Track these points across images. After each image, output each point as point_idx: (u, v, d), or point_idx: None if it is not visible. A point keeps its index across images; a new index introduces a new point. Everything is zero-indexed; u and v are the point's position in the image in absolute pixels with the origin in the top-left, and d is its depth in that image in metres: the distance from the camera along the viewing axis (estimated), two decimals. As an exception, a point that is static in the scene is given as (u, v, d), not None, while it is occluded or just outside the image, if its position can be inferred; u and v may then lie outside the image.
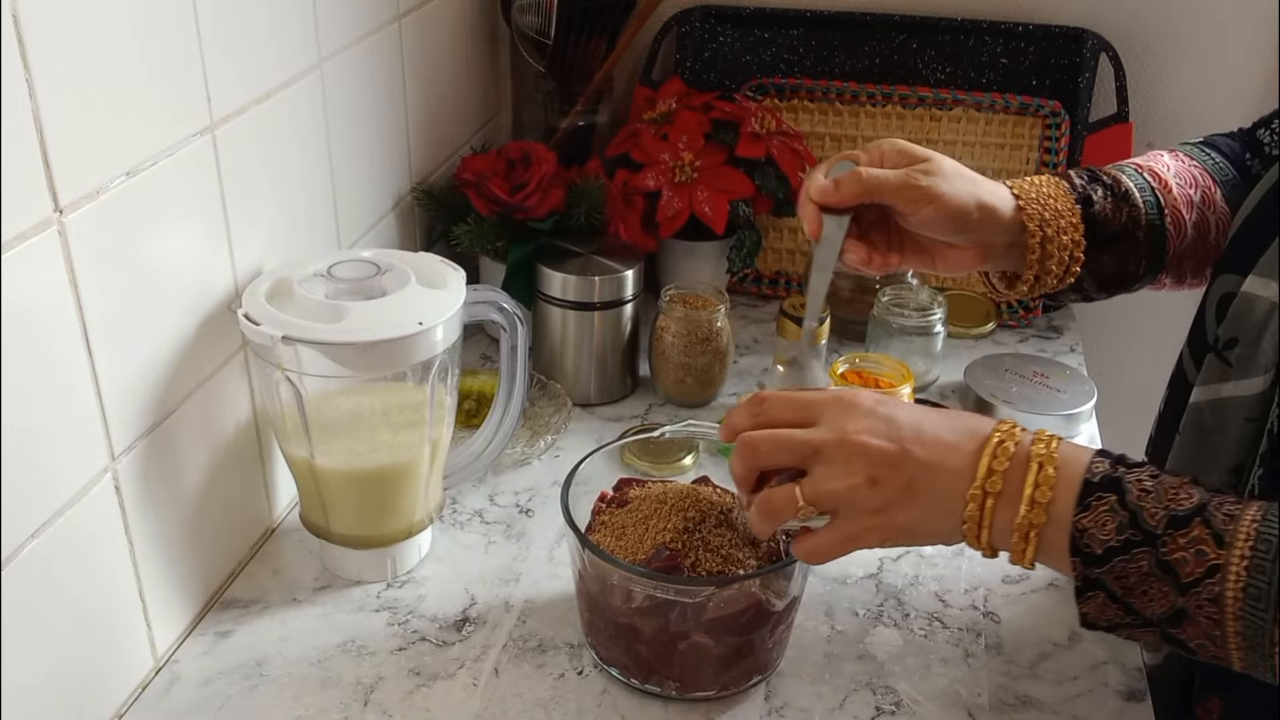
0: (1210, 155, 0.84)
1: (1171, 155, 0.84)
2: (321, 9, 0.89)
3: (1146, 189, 0.80)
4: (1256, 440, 0.68)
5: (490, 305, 0.87)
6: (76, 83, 0.62)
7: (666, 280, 1.17)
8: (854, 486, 0.63)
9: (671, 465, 0.94)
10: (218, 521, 0.83)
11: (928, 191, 0.75)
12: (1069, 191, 0.78)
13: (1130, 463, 0.62)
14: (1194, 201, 0.80)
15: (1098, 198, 0.78)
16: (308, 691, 0.76)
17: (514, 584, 0.86)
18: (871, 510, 0.64)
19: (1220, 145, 0.85)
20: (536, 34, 1.22)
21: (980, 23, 1.25)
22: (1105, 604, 0.61)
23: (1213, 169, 0.83)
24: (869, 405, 0.65)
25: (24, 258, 0.60)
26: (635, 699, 0.76)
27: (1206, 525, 0.57)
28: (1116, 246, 0.79)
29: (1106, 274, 0.80)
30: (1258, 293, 0.68)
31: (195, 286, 0.77)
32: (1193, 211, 0.80)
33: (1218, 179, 0.82)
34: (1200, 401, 0.72)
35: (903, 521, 0.64)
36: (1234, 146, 0.85)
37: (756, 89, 1.29)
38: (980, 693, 0.77)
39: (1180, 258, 0.81)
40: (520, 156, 1.13)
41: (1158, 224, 0.79)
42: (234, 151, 0.79)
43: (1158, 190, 0.80)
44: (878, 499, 0.63)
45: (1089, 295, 0.82)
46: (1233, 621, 0.57)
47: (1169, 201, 0.80)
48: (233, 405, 0.83)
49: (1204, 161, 0.83)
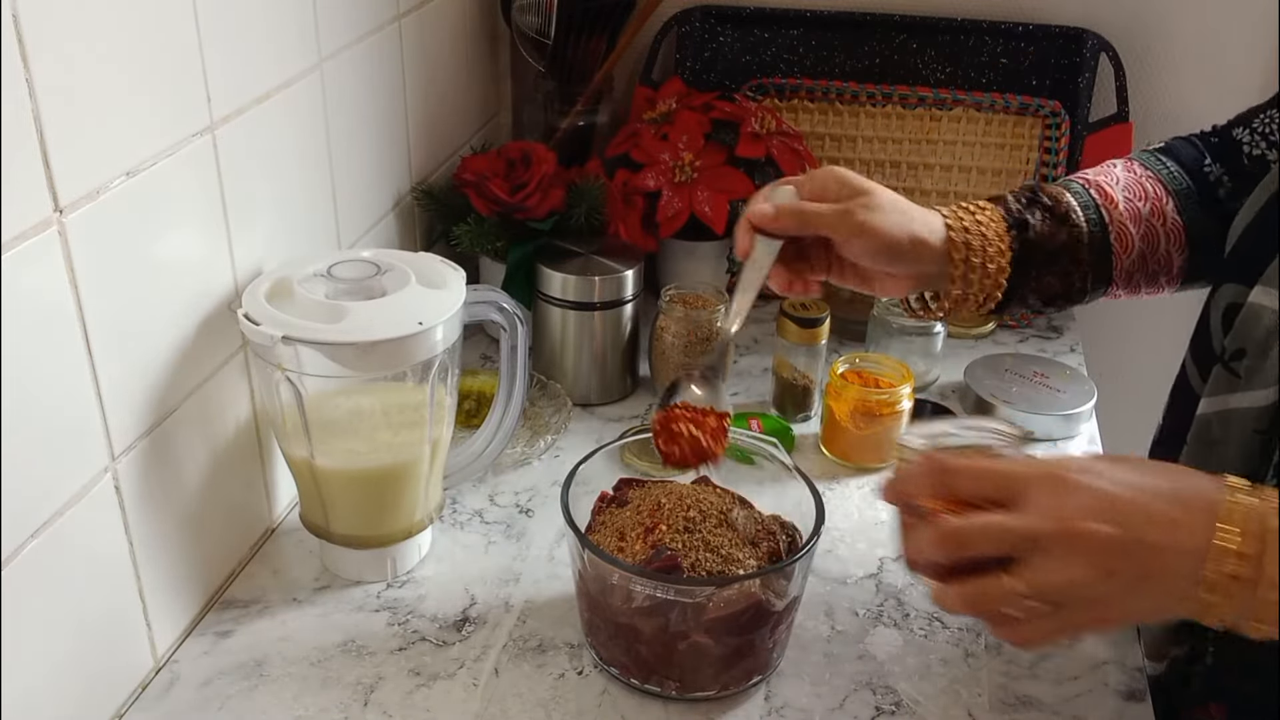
0: (1165, 164, 0.84)
1: (1125, 166, 0.84)
2: (321, 9, 0.89)
3: (1090, 206, 0.81)
4: (1265, 452, 0.68)
5: (490, 305, 0.87)
6: (76, 83, 0.62)
7: (666, 280, 1.17)
8: (1085, 581, 0.58)
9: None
10: (218, 521, 0.83)
11: (862, 226, 0.76)
12: (1003, 218, 0.80)
13: None
14: (1142, 215, 0.81)
15: (1034, 220, 0.79)
16: (308, 691, 0.76)
17: (514, 584, 0.86)
18: (1101, 600, 0.58)
19: (1179, 151, 0.85)
20: (536, 34, 1.22)
21: (980, 23, 1.25)
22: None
23: (1166, 179, 0.83)
24: (1081, 481, 0.59)
25: (24, 258, 0.60)
26: (635, 699, 0.76)
27: None
28: (1056, 265, 0.80)
29: (1049, 291, 0.81)
30: (1264, 303, 0.68)
31: (195, 286, 0.77)
32: (1140, 225, 0.81)
33: (1171, 189, 0.82)
34: (1208, 413, 0.71)
35: (1134, 609, 0.59)
36: (1193, 153, 0.84)
37: (756, 89, 1.29)
38: (980, 693, 0.77)
39: (1129, 271, 0.82)
40: (520, 156, 1.14)
41: (1101, 240, 0.80)
42: (234, 151, 0.79)
43: (1103, 206, 0.81)
44: (1109, 590, 0.58)
45: (1037, 310, 0.84)
46: None
47: (1114, 217, 0.80)
48: (233, 405, 0.83)
49: (1158, 171, 0.83)
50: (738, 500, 0.81)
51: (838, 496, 0.98)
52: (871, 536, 0.93)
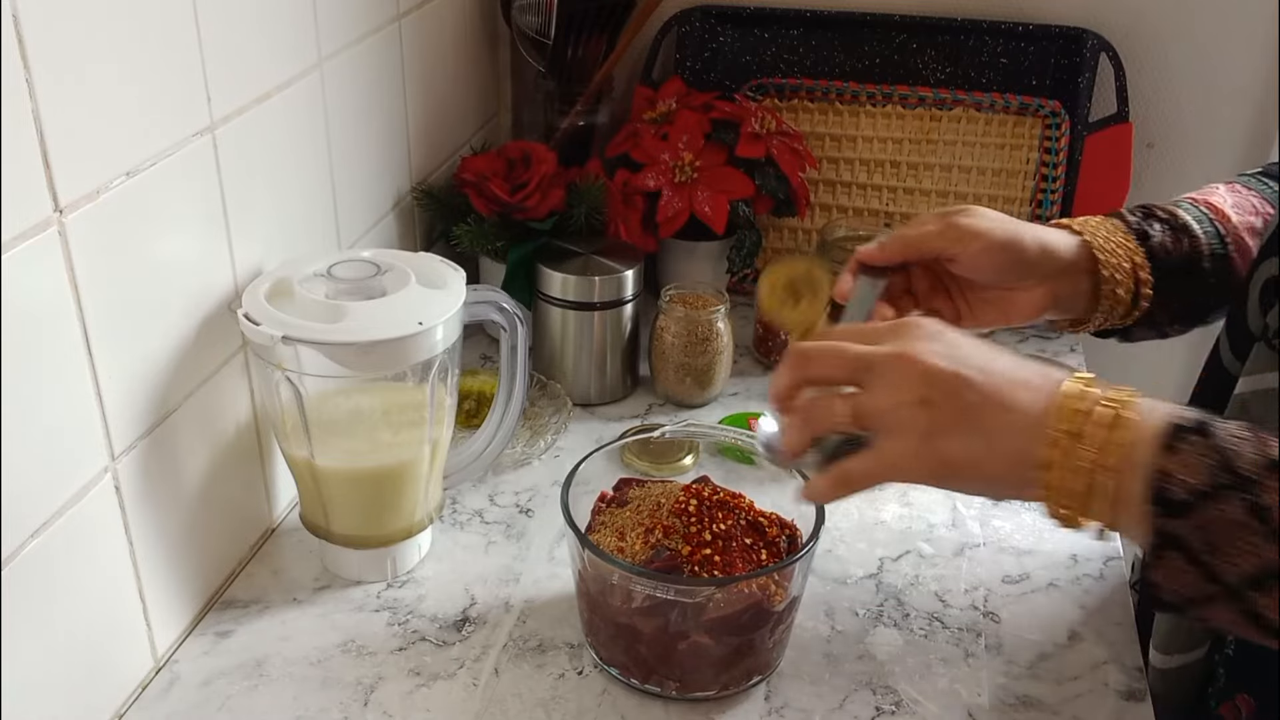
0: (1268, 184, 0.82)
1: (1228, 188, 0.82)
2: (321, 9, 0.89)
3: (1204, 220, 0.78)
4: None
5: (490, 305, 0.87)
6: (76, 82, 0.62)
7: (666, 280, 1.17)
8: (903, 404, 0.59)
9: (671, 465, 0.94)
10: (218, 521, 0.83)
11: (969, 229, 0.73)
12: (1125, 229, 0.77)
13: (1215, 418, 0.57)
14: (1256, 229, 0.79)
15: (1155, 231, 0.77)
16: (308, 691, 0.76)
17: (514, 584, 0.86)
18: (920, 435, 0.59)
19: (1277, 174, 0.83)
20: (536, 34, 1.22)
21: (980, 23, 1.25)
22: (1181, 569, 0.55)
23: (1272, 198, 0.81)
24: (933, 328, 0.62)
25: (24, 258, 0.60)
26: (635, 699, 0.76)
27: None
28: (1183, 278, 0.77)
29: (1177, 307, 0.78)
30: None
31: (195, 286, 0.77)
32: (1257, 238, 0.78)
33: (1277, 206, 0.80)
34: (1245, 392, 0.70)
35: (950, 452, 0.59)
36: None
37: (756, 89, 1.29)
38: (980, 693, 0.77)
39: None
40: (520, 156, 1.14)
41: (1221, 253, 0.77)
42: (234, 151, 0.79)
43: (1216, 220, 0.78)
44: (927, 423, 0.59)
45: (1163, 330, 0.80)
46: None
47: (1229, 230, 0.78)
48: (233, 405, 0.83)
49: (1262, 191, 0.82)
50: (737, 500, 0.81)
51: (838, 496, 0.97)
52: (871, 536, 0.93)
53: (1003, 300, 0.76)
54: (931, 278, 0.77)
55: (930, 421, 0.59)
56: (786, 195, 1.20)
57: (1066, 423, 0.57)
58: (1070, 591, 0.87)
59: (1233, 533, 0.53)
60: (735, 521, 0.78)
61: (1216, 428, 0.55)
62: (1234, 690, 0.73)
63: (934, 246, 0.74)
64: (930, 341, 0.61)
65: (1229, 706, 0.73)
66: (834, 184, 1.30)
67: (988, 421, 0.58)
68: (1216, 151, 1.28)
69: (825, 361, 0.63)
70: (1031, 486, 0.58)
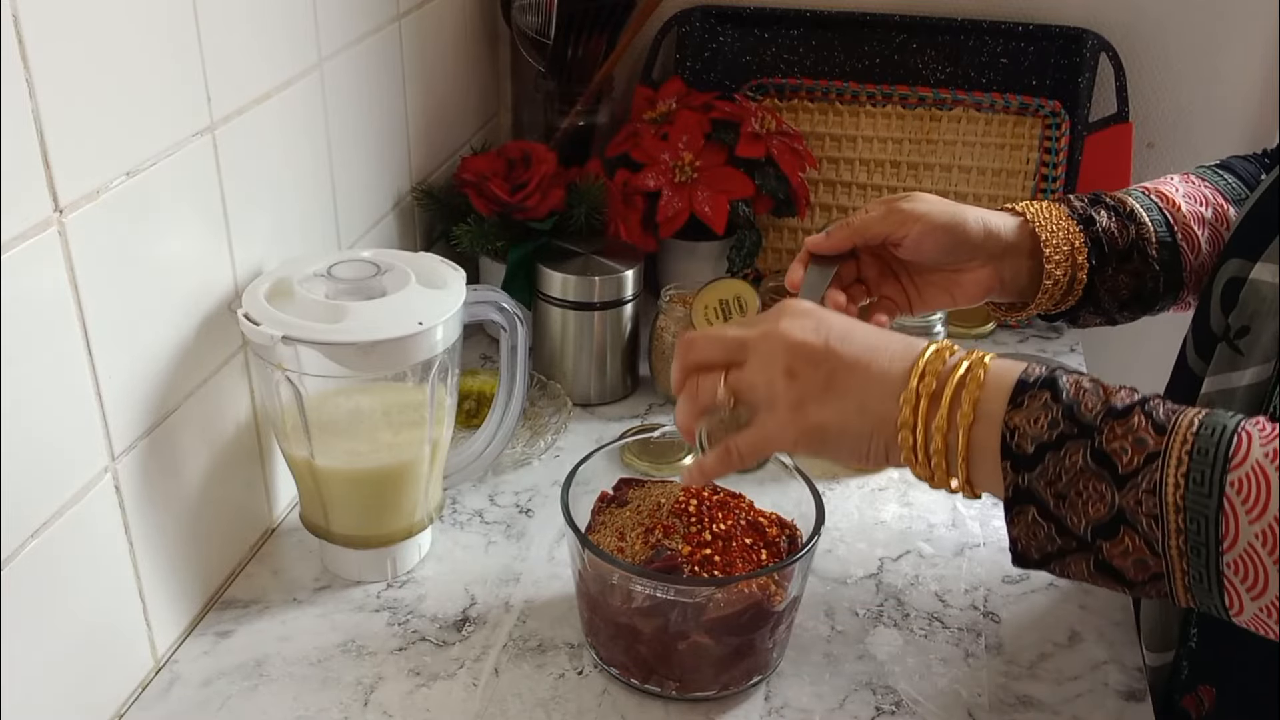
0: (1223, 177, 0.83)
1: (1182, 178, 0.84)
2: (321, 9, 0.89)
3: (1153, 208, 0.80)
4: None
5: (490, 305, 0.87)
6: (77, 82, 0.62)
7: (666, 280, 1.17)
8: (772, 379, 0.63)
9: (671, 465, 0.94)
10: (218, 521, 0.83)
11: (911, 213, 0.76)
12: (1069, 214, 0.79)
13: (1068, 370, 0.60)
14: (1206, 218, 0.80)
15: (1100, 217, 0.79)
16: (308, 691, 0.76)
17: (514, 584, 0.86)
18: (789, 405, 0.62)
19: (1236, 168, 0.84)
20: (536, 34, 1.22)
21: (980, 23, 1.25)
22: (1035, 522, 0.57)
23: (1225, 189, 0.82)
24: (804, 308, 0.65)
25: (24, 258, 0.60)
26: (635, 699, 0.76)
27: (1148, 416, 0.55)
28: (1128, 264, 0.79)
29: (1124, 293, 0.80)
30: (1264, 279, 0.68)
31: (195, 286, 0.77)
32: (1205, 228, 0.80)
33: (1230, 198, 0.81)
34: (1210, 392, 0.71)
35: (818, 419, 0.62)
36: (1251, 169, 0.84)
37: (756, 89, 1.29)
38: (980, 693, 0.77)
39: (1198, 274, 0.80)
40: (520, 156, 1.14)
41: (1168, 241, 0.79)
42: (234, 151, 0.79)
43: (1165, 209, 0.80)
44: (794, 392, 0.62)
45: (1111, 317, 0.82)
46: (1174, 516, 0.53)
47: (1178, 219, 0.79)
48: (233, 405, 0.83)
49: (1215, 182, 0.83)
50: (737, 500, 0.81)
51: (838, 496, 0.98)
52: (871, 536, 0.93)
53: (949, 282, 0.79)
54: (880, 264, 0.80)
55: (798, 391, 0.62)
56: (786, 195, 1.20)
57: (923, 383, 0.59)
58: (1070, 591, 0.87)
59: (1078, 481, 0.55)
60: (735, 521, 0.78)
61: (1063, 382, 0.57)
62: (1196, 682, 0.73)
63: (878, 231, 0.77)
64: (798, 318, 0.64)
65: (1191, 699, 0.73)
66: (834, 184, 1.30)
67: (851, 386, 0.61)
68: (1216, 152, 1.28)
69: (707, 346, 0.67)
70: (895, 448, 0.61)
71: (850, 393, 0.61)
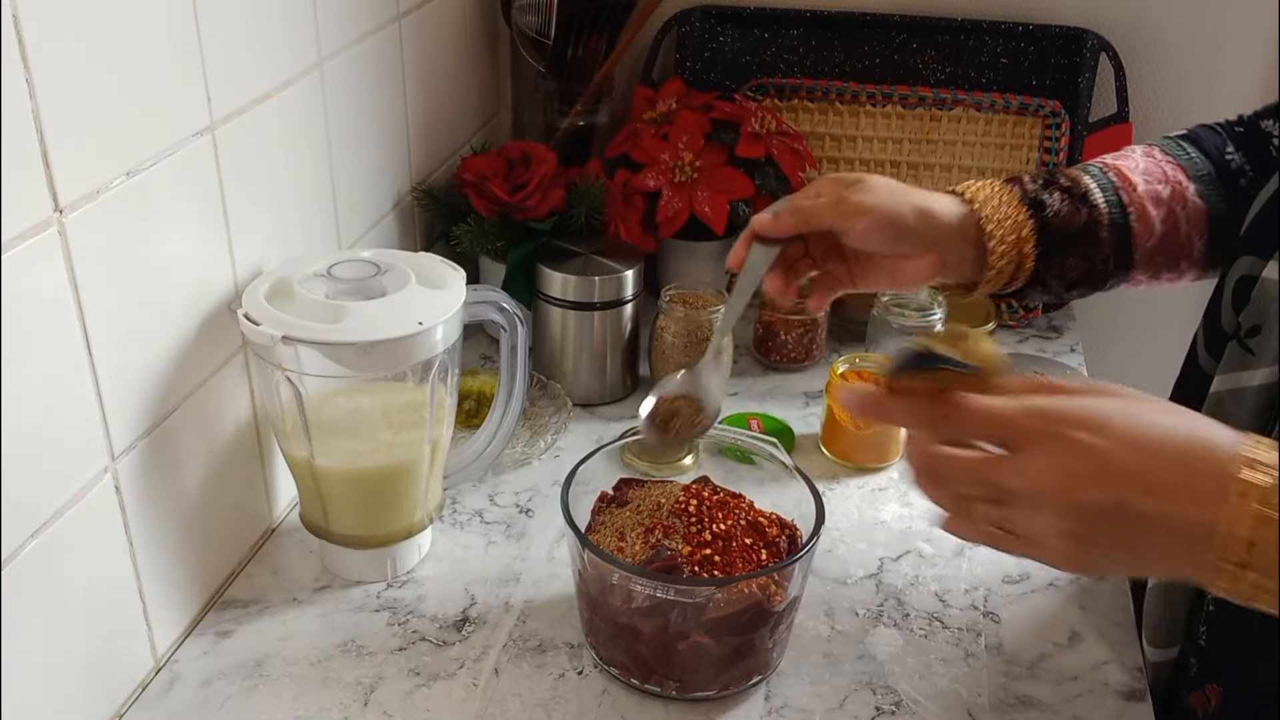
0: (1186, 150, 0.83)
1: (1145, 152, 0.83)
2: (321, 9, 0.89)
3: (1109, 188, 0.80)
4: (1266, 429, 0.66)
5: (490, 305, 0.87)
6: (77, 82, 0.62)
7: (666, 280, 1.17)
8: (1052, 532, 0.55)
9: (671, 465, 0.94)
10: (218, 521, 0.83)
11: (857, 207, 0.76)
12: (1019, 199, 0.79)
13: None
14: (1163, 198, 0.80)
15: (1051, 200, 0.78)
16: (308, 691, 0.76)
17: (514, 584, 0.86)
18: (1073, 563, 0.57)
19: (1202, 139, 0.84)
20: (536, 34, 1.22)
21: (980, 23, 1.25)
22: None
23: (1186, 164, 0.82)
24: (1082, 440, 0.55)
25: (24, 258, 0.60)
26: (635, 699, 0.76)
27: None
28: (1078, 246, 0.79)
29: (1073, 275, 0.80)
30: (1277, 278, 0.67)
31: (195, 286, 0.77)
32: (1161, 208, 0.80)
33: (1191, 174, 0.81)
34: (1220, 391, 0.70)
35: (1103, 567, 0.57)
36: (1216, 140, 0.83)
37: (756, 89, 1.29)
38: (980, 693, 0.77)
39: (1150, 254, 0.80)
40: (520, 156, 1.14)
41: (1121, 222, 0.79)
42: (234, 151, 0.79)
43: (1121, 189, 0.80)
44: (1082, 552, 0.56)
45: (1060, 295, 0.82)
46: None
47: (1133, 199, 0.79)
48: (233, 405, 0.83)
49: (1178, 157, 0.82)
50: (737, 500, 0.81)
51: (838, 496, 0.98)
52: (871, 536, 0.93)
53: (892, 266, 0.79)
54: (825, 242, 0.80)
55: (1085, 550, 0.56)
56: (787, 195, 1.20)
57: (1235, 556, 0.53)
58: (1070, 591, 0.87)
59: None
60: (735, 521, 0.78)
61: None
62: (1204, 680, 0.73)
63: (824, 222, 0.77)
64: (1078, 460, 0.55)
65: (1199, 696, 0.73)
66: (834, 184, 1.30)
67: (1149, 546, 0.55)
68: (1216, 151, 1.28)
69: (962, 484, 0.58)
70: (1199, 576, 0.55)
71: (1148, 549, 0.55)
